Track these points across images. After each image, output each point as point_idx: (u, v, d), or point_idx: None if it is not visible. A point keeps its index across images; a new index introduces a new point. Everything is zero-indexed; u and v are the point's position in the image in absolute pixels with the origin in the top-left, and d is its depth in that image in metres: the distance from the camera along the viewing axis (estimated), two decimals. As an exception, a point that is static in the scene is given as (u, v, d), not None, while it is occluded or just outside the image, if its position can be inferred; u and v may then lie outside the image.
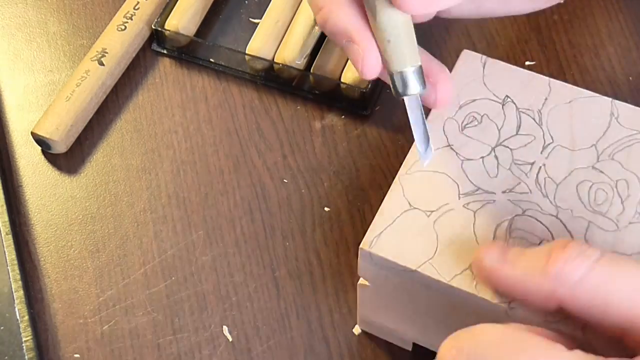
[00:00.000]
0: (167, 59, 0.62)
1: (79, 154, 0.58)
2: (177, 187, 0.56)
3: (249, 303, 0.52)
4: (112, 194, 0.56)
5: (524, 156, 0.45)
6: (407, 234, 0.42)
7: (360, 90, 0.57)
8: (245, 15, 0.63)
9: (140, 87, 0.60)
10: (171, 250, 0.54)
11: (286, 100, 0.59)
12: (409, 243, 0.42)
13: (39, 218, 0.56)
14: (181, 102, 0.60)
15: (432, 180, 0.44)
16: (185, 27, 0.61)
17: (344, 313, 0.52)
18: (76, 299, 0.53)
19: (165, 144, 0.58)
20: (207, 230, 0.55)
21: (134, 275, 0.53)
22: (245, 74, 0.60)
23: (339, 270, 0.53)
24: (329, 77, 0.58)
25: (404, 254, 0.42)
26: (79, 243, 0.55)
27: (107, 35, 0.60)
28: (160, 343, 0.51)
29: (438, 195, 0.44)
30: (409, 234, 0.42)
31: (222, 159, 0.57)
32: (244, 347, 0.51)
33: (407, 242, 0.42)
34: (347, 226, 0.54)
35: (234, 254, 0.54)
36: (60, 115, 0.57)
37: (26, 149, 0.58)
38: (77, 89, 0.58)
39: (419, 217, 0.43)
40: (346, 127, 0.58)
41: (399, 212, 0.43)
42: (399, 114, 0.58)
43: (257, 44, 0.59)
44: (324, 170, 0.57)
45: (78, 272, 0.54)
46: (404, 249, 0.42)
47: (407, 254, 0.42)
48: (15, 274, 0.52)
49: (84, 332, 0.52)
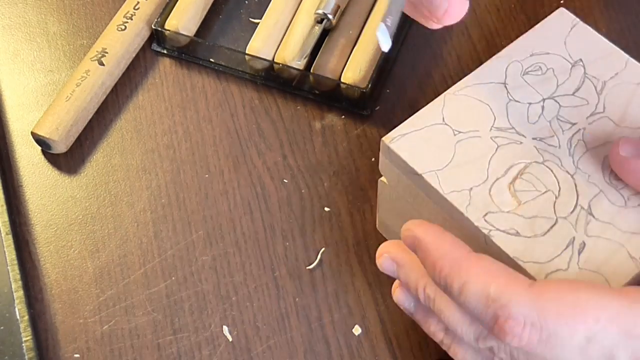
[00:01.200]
0: (167, 59, 0.62)
1: (79, 154, 0.58)
2: (177, 187, 0.56)
3: (249, 303, 0.52)
4: (112, 194, 0.56)
5: (570, 116, 0.46)
6: (428, 143, 0.45)
7: (360, 90, 0.57)
8: (245, 15, 0.63)
9: (140, 87, 0.60)
10: (171, 250, 0.54)
11: (286, 100, 0.59)
12: (426, 151, 0.45)
13: (39, 218, 0.56)
14: (181, 102, 0.60)
15: (474, 106, 0.46)
16: (185, 27, 0.61)
17: (344, 313, 0.52)
18: (76, 299, 0.53)
19: (165, 144, 0.58)
20: (207, 230, 0.55)
21: (134, 275, 0.53)
22: (245, 74, 0.60)
23: (339, 270, 0.53)
24: (329, 77, 0.58)
25: (417, 158, 0.45)
26: (79, 243, 0.55)
27: (107, 35, 0.60)
28: (160, 343, 0.51)
29: (472, 121, 0.46)
30: (430, 143, 0.45)
31: (222, 159, 0.57)
32: (244, 347, 0.51)
33: (425, 150, 0.45)
34: (347, 226, 0.54)
35: (234, 254, 0.54)
36: (60, 115, 0.57)
37: (26, 149, 0.58)
38: (77, 89, 0.58)
39: (446, 132, 0.45)
40: (346, 127, 0.58)
41: (430, 123, 0.46)
42: (399, 114, 0.58)
43: (257, 44, 0.59)
44: (324, 170, 0.57)
45: (78, 272, 0.54)
46: (419, 154, 0.45)
47: (420, 159, 0.44)
48: (15, 274, 0.52)
49: (84, 332, 0.52)
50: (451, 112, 0.46)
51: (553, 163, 0.44)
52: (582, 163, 0.44)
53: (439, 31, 0.61)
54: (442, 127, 0.46)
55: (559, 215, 0.43)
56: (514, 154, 0.45)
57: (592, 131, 0.45)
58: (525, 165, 0.44)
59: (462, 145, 0.45)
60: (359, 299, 0.52)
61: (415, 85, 0.60)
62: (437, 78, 0.60)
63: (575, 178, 0.44)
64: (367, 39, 0.59)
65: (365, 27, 0.60)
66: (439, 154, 0.45)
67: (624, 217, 0.43)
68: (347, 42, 0.59)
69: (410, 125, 0.46)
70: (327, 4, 0.59)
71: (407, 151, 0.45)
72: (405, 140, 0.45)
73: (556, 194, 0.43)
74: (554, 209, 0.43)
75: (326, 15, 0.59)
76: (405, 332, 0.51)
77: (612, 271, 0.41)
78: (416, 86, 0.60)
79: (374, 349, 0.50)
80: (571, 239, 0.42)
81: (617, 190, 0.43)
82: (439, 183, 0.44)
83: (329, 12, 0.59)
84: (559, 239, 0.42)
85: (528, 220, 0.43)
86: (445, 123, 0.46)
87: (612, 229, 0.42)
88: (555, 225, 0.42)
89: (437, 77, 0.60)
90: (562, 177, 0.44)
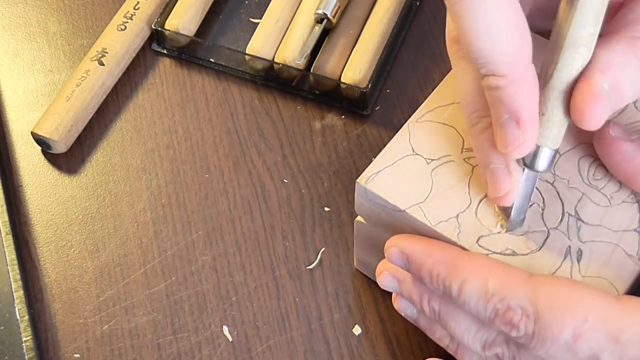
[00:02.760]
0: (167, 59, 0.62)
1: (79, 154, 0.58)
2: (177, 187, 0.56)
3: (249, 303, 0.52)
4: (112, 194, 0.56)
5: None
6: (404, 177, 0.44)
7: (360, 90, 0.57)
8: (245, 15, 0.63)
9: (140, 87, 0.60)
10: (171, 250, 0.54)
11: (286, 100, 0.59)
12: (404, 185, 0.44)
13: (39, 218, 0.56)
14: (181, 102, 0.60)
15: (440, 131, 0.45)
16: (185, 27, 0.61)
17: (344, 313, 0.52)
18: (76, 299, 0.53)
19: (165, 144, 0.58)
20: (207, 230, 0.55)
21: (134, 275, 0.53)
22: (245, 74, 0.60)
23: (339, 270, 0.53)
24: (329, 77, 0.58)
25: (396, 194, 0.43)
26: (79, 243, 0.55)
27: (107, 35, 0.60)
28: (160, 343, 0.51)
29: (442, 146, 0.45)
30: (406, 176, 0.44)
31: (222, 159, 0.57)
32: (244, 347, 0.51)
33: (402, 184, 0.44)
34: (347, 226, 0.54)
35: (234, 254, 0.54)
36: (60, 115, 0.57)
37: (26, 149, 0.58)
38: (77, 89, 0.58)
39: (419, 162, 0.44)
40: (346, 127, 0.58)
41: (401, 155, 0.45)
42: (399, 114, 0.58)
43: (257, 44, 0.59)
44: (324, 170, 0.57)
45: (78, 272, 0.54)
46: (397, 190, 0.44)
47: (400, 195, 0.43)
48: (15, 274, 0.52)
49: (84, 332, 0.52)
50: (419, 141, 0.45)
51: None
52: (559, 169, 0.44)
53: (439, 31, 0.62)
54: (414, 157, 0.45)
55: (549, 226, 0.43)
56: None
57: None
58: None
59: (438, 173, 0.44)
60: (359, 299, 0.52)
61: (415, 85, 0.60)
62: (437, 78, 0.60)
63: (556, 186, 0.44)
64: (367, 39, 0.59)
65: (365, 27, 0.60)
66: (417, 186, 0.44)
67: (611, 216, 0.43)
68: (347, 42, 0.59)
69: (382, 162, 0.44)
70: (327, 4, 0.59)
71: (384, 189, 0.44)
72: (380, 178, 0.44)
73: (541, 205, 0.43)
74: (543, 220, 0.43)
75: (326, 15, 0.59)
76: (405, 332, 0.51)
77: (614, 273, 0.41)
78: (416, 86, 0.60)
79: (374, 349, 0.50)
80: (567, 248, 0.42)
81: (598, 190, 0.43)
82: (425, 216, 0.43)
83: (329, 12, 0.59)
84: (555, 251, 0.42)
85: (521, 237, 0.42)
86: (416, 153, 0.45)
87: (603, 230, 0.42)
88: (548, 237, 0.42)
89: (437, 77, 0.60)
90: (543, 187, 0.44)
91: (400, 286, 0.45)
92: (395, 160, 0.44)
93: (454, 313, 0.43)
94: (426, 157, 0.45)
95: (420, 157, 0.45)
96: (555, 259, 0.42)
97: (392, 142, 0.45)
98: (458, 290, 0.41)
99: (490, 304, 0.40)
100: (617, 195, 0.43)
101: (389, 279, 0.46)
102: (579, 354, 0.38)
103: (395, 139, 0.45)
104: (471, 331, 0.42)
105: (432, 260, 0.42)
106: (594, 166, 0.44)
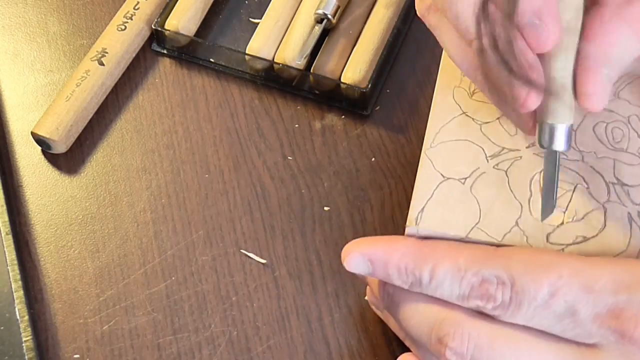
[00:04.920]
0: (167, 59, 0.62)
1: (79, 154, 0.58)
2: (177, 187, 0.56)
3: (249, 303, 0.52)
4: (112, 194, 0.56)
5: None
6: (448, 204, 0.43)
7: (360, 90, 0.57)
8: (245, 15, 0.63)
9: (140, 87, 0.60)
10: (171, 250, 0.54)
11: (286, 100, 0.59)
12: (452, 212, 0.43)
13: (39, 218, 0.56)
14: (181, 102, 0.60)
15: (457, 148, 0.45)
16: (185, 27, 0.61)
17: (344, 313, 0.52)
18: (76, 299, 0.53)
19: (165, 144, 0.58)
20: (207, 230, 0.55)
21: (134, 275, 0.53)
22: (245, 74, 0.60)
23: (339, 270, 0.53)
24: (329, 77, 0.58)
25: (450, 224, 0.43)
26: (79, 243, 0.55)
27: (107, 35, 0.60)
28: (160, 343, 0.51)
29: (467, 162, 0.44)
30: (450, 203, 0.43)
31: (222, 159, 0.57)
32: (244, 347, 0.51)
33: (451, 212, 0.43)
34: (347, 226, 0.54)
35: (234, 254, 0.54)
36: (60, 115, 0.57)
37: (26, 149, 0.58)
38: (77, 89, 0.58)
39: (455, 185, 0.44)
40: (346, 127, 0.58)
41: (434, 185, 0.44)
42: (399, 114, 0.58)
43: (257, 44, 0.59)
44: (324, 170, 0.57)
45: (78, 272, 0.54)
46: (449, 219, 0.43)
47: (454, 223, 0.43)
48: (15, 274, 0.52)
49: (84, 332, 0.52)
50: (444, 165, 0.44)
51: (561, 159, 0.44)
52: (581, 145, 0.44)
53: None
54: (448, 182, 0.44)
55: (601, 201, 0.43)
56: (524, 170, 0.44)
57: None
58: (539, 174, 0.44)
59: (477, 189, 0.44)
60: (359, 299, 0.52)
61: (415, 85, 0.60)
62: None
63: (587, 161, 0.44)
64: (367, 39, 0.59)
65: (365, 27, 0.60)
66: (465, 209, 0.43)
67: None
68: (347, 42, 0.59)
69: (420, 198, 0.43)
70: (327, 4, 0.59)
71: (437, 223, 0.43)
72: (427, 215, 0.43)
73: (584, 184, 0.43)
74: (594, 197, 0.43)
75: (326, 15, 0.59)
76: (405, 332, 0.51)
77: None
78: (416, 86, 0.60)
79: (374, 349, 0.50)
80: (628, 215, 0.42)
81: (625, 152, 0.44)
82: (487, 235, 0.42)
83: (329, 12, 0.59)
84: (620, 222, 0.42)
85: (583, 221, 0.42)
86: (448, 177, 0.44)
87: None
88: (606, 212, 0.42)
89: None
90: (576, 166, 0.44)
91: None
92: (432, 191, 0.44)
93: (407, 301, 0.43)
94: (459, 178, 0.44)
95: (453, 180, 0.44)
96: (624, 228, 0.42)
97: (420, 175, 0.44)
98: (430, 276, 0.41)
99: (464, 280, 0.40)
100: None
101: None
102: (556, 309, 0.39)
103: (421, 172, 0.44)
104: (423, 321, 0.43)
105: (398, 254, 0.42)
106: (610, 129, 0.45)
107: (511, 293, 0.39)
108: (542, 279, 0.39)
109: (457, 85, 0.47)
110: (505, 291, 0.39)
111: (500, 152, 0.45)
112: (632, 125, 0.45)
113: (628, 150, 0.44)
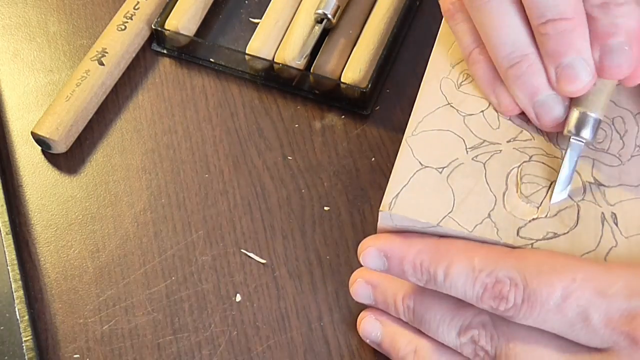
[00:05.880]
0: (167, 59, 0.62)
1: (79, 154, 0.58)
2: (177, 187, 0.56)
3: (249, 303, 0.52)
4: (112, 194, 0.56)
5: None
6: (423, 192, 0.43)
7: (360, 90, 0.57)
8: (245, 15, 0.63)
9: (140, 87, 0.60)
10: (171, 250, 0.54)
11: (286, 100, 0.59)
12: (427, 200, 0.43)
13: (39, 218, 0.56)
14: (181, 102, 0.60)
15: (438, 138, 0.45)
16: (185, 27, 0.61)
17: (344, 313, 0.52)
18: (76, 299, 0.53)
19: (165, 144, 0.58)
20: (207, 230, 0.55)
21: (134, 275, 0.53)
22: (245, 73, 0.60)
23: (339, 270, 0.53)
24: (329, 77, 0.58)
25: (423, 211, 0.43)
26: (79, 243, 0.55)
27: (107, 35, 0.60)
28: (160, 343, 0.51)
29: (446, 152, 0.45)
30: (425, 191, 0.43)
31: (222, 159, 0.57)
32: (244, 347, 0.51)
33: (425, 199, 0.43)
34: (347, 226, 0.54)
35: (234, 254, 0.54)
36: (60, 115, 0.57)
37: (26, 149, 0.58)
38: (77, 89, 0.58)
39: (431, 174, 0.44)
40: (346, 127, 0.58)
41: (412, 172, 0.44)
42: (399, 114, 0.58)
43: (257, 44, 0.59)
44: (324, 170, 0.57)
45: (78, 272, 0.54)
46: (422, 206, 0.43)
47: (427, 211, 0.43)
48: (15, 274, 0.52)
49: (84, 332, 0.52)
50: (423, 153, 0.45)
51: (540, 155, 0.44)
52: (562, 142, 0.44)
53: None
54: (425, 171, 0.44)
55: (576, 199, 0.43)
56: (502, 164, 0.44)
57: None
58: (517, 169, 0.44)
59: (453, 179, 0.44)
60: (359, 299, 0.52)
61: (415, 85, 0.59)
62: (437, 78, 0.60)
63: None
64: (367, 39, 0.59)
65: (365, 27, 0.60)
66: (439, 198, 0.43)
67: (627, 173, 0.43)
68: (347, 42, 0.59)
69: (396, 184, 0.44)
70: (327, 4, 0.59)
71: (410, 210, 0.43)
72: (401, 201, 0.43)
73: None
74: (569, 195, 0.43)
75: (326, 15, 0.59)
76: (405, 332, 0.51)
77: None
78: (416, 86, 0.59)
79: (374, 348, 0.50)
80: (601, 215, 0.42)
81: (606, 152, 0.44)
82: (459, 224, 0.42)
83: (329, 12, 0.59)
84: (592, 221, 0.42)
85: (555, 217, 0.42)
86: (425, 166, 0.44)
87: (627, 188, 0.42)
88: (580, 210, 0.42)
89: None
90: (555, 164, 0.44)
91: (374, 292, 0.46)
92: (408, 178, 0.44)
93: (430, 304, 0.43)
94: (436, 167, 0.44)
95: (431, 169, 0.44)
96: (595, 228, 0.42)
97: (398, 162, 0.45)
98: (444, 274, 0.41)
99: (478, 280, 0.40)
100: (624, 152, 0.44)
101: (363, 286, 0.47)
102: (568, 313, 0.39)
103: (400, 158, 0.45)
104: (446, 320, 0.43)
105: (414, 250, 0.42)
106: None
107: (524, 295, 0.39)
108: (555, 282, 0.39)
109: (445, 77, 0.47)
110: (518, 293, 0.39)
111: (481, 145, 0.45)
112: (616, 126, 0.45)
113: (609, 151, 0.44)
